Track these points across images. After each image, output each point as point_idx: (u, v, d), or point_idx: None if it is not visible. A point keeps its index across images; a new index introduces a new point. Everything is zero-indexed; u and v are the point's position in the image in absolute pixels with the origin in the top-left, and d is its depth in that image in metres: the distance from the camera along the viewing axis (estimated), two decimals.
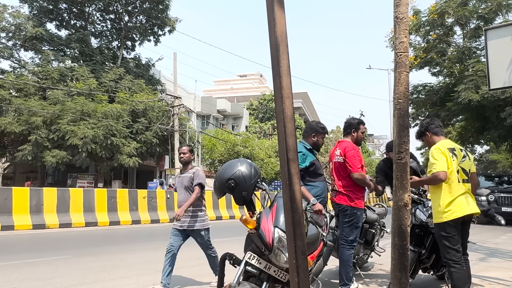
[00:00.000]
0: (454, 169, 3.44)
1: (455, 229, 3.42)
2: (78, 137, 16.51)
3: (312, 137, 4.07)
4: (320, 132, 4.10)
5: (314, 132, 4.06)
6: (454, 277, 3.39)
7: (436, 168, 3.38)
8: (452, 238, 3.42)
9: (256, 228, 2.36)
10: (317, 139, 4.09)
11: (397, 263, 2.16)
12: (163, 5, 23.26)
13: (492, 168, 44.82)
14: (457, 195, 3.42)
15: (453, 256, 3.40)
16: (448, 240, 3.42)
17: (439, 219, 3.44)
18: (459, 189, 3.44)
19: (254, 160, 24.94)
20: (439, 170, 3.37)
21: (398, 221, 2.18)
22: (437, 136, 3.69)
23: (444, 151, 3.46)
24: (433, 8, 15.17)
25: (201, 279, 4.66)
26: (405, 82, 2.16)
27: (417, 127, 3.96)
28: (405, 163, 2.16)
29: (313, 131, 4.08)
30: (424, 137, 3.79)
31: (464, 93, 13.53)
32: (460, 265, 3.39)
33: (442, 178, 3.37)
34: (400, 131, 2.16)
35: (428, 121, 3.82)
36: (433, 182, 3.44)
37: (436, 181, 3.40)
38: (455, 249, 3.41)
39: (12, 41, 20.05)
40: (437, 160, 3.41)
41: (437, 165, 3.39)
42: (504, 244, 8.15)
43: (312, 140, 4.07)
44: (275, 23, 1.76)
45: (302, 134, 4.24)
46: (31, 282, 4.37)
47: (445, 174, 3.37)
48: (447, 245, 3.43)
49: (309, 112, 53.87)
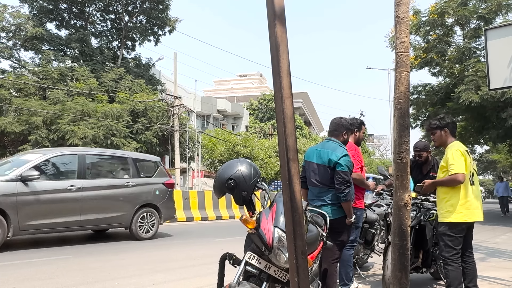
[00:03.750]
0: (469, 171, 3.47)
1: (462, 231, 3.46)
2: (78, 137, 16.50)
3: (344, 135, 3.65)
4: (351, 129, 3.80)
5: (345, 130, 3.65)
6: (450, 276, 3.43)
7: (455, 170, 3.38)
8: (457, 239, 3.46)
9: (256, 228, 2.36)
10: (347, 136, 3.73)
11: (397, 263, 2.16)
12: (163, 5, 23.26)
13: (492, 168, 44.83)
14: (470, 198, 3.45)
15: (452, 256, 3.44)
16: (452, 240, 3.45)
17: (448, 219, 3.46)
18: (472, 192, 3.48)
19: (254, 160, 24.94)
20: (459, 172, 3.38)
21: (398, 221, 2.18)
22: (451, 136, 3.69)
23: (464, 153, 3.48)
24: (433, 8, 15.17)
25: (201, 279, 4.66)
26: (406, 82, 2.16)
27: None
28: (405, 163, 2.16)
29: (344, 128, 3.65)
30: (440, 131, 3.68)
31: (465, 94, 13.53)
32: (457, 264, 3.43)
33: (461, 180, 3.39)
34: (400, 131, 2.16)
35: (451, 118, 3.80)
36: (451, 183, 3.44)
37: (455, 183, 3.41)
38: (456, 249, 3.45)
39: (12, 41, 20.06)
40: (456, 161, 3.41)
41: (456, 166, 3.39)
42: (504, 244, 8.15)
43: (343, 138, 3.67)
44: (275, 23, 1.76)
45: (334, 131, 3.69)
46: (31, 282, 4.37)
47: (463, 176, 3.39)
48: (449, 245, 3.46)
49: (309, 112, 53.86)
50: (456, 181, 3.39)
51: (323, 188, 3.37)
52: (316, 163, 3.44)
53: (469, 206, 3.42)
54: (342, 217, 3.33)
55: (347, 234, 3.48)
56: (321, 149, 3.48)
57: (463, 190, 3.44)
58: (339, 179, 3.24)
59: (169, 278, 4.72)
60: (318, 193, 3.41)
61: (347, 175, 3.26)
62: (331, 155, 3.33)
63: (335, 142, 3.51)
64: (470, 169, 3.51)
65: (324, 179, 3.36)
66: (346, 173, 3.25)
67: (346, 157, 3.32)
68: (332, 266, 3.37)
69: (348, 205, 3.29)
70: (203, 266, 5.41)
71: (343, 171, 3.25)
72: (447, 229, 3.48)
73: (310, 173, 3.49)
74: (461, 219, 3.41)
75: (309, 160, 3.53)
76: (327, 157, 3.35)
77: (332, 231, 3.20)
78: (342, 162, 3.27)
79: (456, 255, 3.44)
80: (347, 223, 3.36)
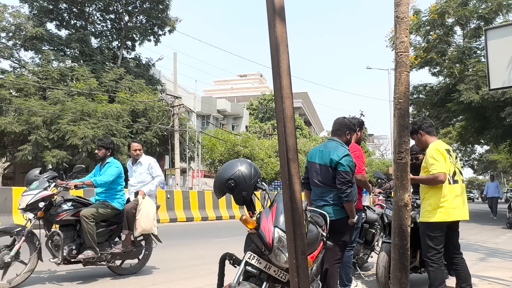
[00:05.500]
0: (449, 171, 3.44)
1: (441, 231, 3.44)
2: (78, 137, 16.51)
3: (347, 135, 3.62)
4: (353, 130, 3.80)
5: (348, 130, 3.60)
6: (431, 276, 3.45)
7: (437, 169, 3.37)
8: (436, 238, 3.44)
9: (256, 228, 2.36)
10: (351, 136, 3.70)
11: (397, 263, 2.16)
12: (163, 5, 23.26)
13: (492, 168, 44.84)
14: (449, 197, 3.41)
15: (433, 256, 3.43)
16: (432, 240, 3.45)
17: (426, 219, 3.45)
18: (451, 191, 3.43)
19: (254, 160, 24.94)
20: (440, 171, 3.36)
21: (398, 221, 2.18)
22: (429, 135, 3.67)
23: (443, 152, 3.46)
24: (433, 8, 15.17)
25: (201, 279, 4.66)
26: (406, 82, 2.16)
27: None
28: (405, 163, 2.16)
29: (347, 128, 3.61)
30: (416, 135, 3.75)
31: (465, 94, 13.53)
32: (438, 264, 3.43)
33: (442, 180, 3.37)
34: (400, 131, 2.16)
35: (421, 120, 3.80)
36: (432, 182, 3.43)
37: (435, 182, 3.39)
38: (437, 249, 3.44)
39: (12, 41, 20.07)
40: (437, 161, 3.40)
41: (437, 166, 3.38)
42: (504, 244, 8.15)
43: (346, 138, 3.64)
44: (275, 23, 1.76)
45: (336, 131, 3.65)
46: (31, 282, 4.37)
47: (445, 176, 3.37)
48: (430, 245, 3.46)
49: (309, 112, 53.87)
50: (437, 181, 3.36)
51: (325, 188, 3.36)
52: (318, 163, 3.43)
53: (448, 206, 3.39)
54: (344, 217, 3.32)
55: (350, 234, 3.46)
56: (323, 149, 3.46)
57: (442, 189, 3.41)
58: (340, 179, 3.23)
59: (169, 278, 4.72)
60: (321, 193, 3.40)
61: (348, 175, 3.25)
62: (333, 155, 3.32)
63: (337, 142, 3.49)
64: (451, 168, 3.47)
65: (326, 179, 3.35)
66: (347, 173, 3.24)
67: (348, 157, 3.32)
68: (334, 266, 3.36)
69: (350, 205, 3.28)
70: (203, 266, 5.40)
71: (344, 171, 3.24)
72: (426, 229, 3.47)
73: (312, 174, 3.48)
74: (439, 218, 3.38)
75: (312, 160, 3.52)
76: (329, 156, 3.34)
77: (334, 231, 3.19)
78: (343, 162, 3.26)
79: (437, 254, 3.42)
80: (349, 224, 3.35)
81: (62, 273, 4.86)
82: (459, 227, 3.71)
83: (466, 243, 8.12)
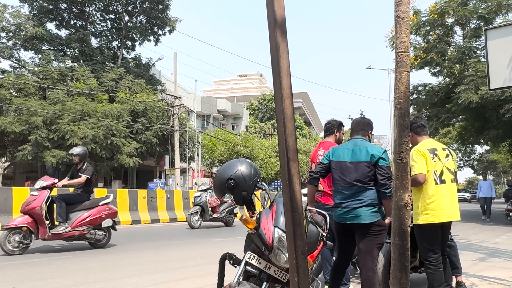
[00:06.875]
0: (431, 170, 3.40)
1: (433, 231, 3.41)
2: (78, 137, 16.51)
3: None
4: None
5: (371, 129, 3.60)
6: (429, 278, 3.43)
7: (414, 171, 3.34)
8: (430, 239, 3.42)
9: (256, 228, 2.36)
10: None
11: (397, 263, 2.16)
12: (163, 5, 23.27)
13: (492, 168, 44.87)
14: (436, 198, 3.37)
15: (429, 257, 3.41)
16: (426, 241, 3.44)
17: (416, 221, 3.43)
18: (438, 191, 3.39)
19: (254, 160, 24.94)
20: (417, 172, 3.34)
21: (398, 221, 2.18)
22: (419, 135, 3.63)
23: (424, 152, 3.42)
24: (433, 8, 15.16)
25: (201, 279, 4.66)
26: (406, 82, 2.16)
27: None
28: (405, 163, 2.16)
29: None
30: None
31: (465, 94, 13.52)
32: (436, 266, 3.40)
33: (420, 181, 3.35)
34: (400, 131, 2.16)
35: (411, 120, 3.77)
36: (412, 184, 3.36)
37: (414, 183, 3.35)
38: (432, 250, 3.41)
39: (12, 41, 20.07)
40: (416, 163, 3.37)
41: (415, 167, 3.36)
42: (504, 244, 8.15)
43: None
44: (275, 23, 1.76)
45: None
46: (31, 282, 4.37)
47: (423, 177, 3.35)
48: (424, 246, 3.45)
49: (309, 112, 53.86)
50: (415, 182, 3.32)
51: (361, 188, 3.18)
52: (350, 162, 3.26)
53: (435, 207, 3.34)
54: (381, 219, 3.17)
55: (385, 235, 3.28)
56: (353, 147, 3.32)
57: (428, 190, 3.38)
58: (384, 175, 3.11)
59: (169, 278, 4.72)
60: (354, 193, 3.19)
61: (390, 170, 3.13)
62: (373, 151, 3.21)
63: (365, 139, 3.41)
64: (437, 167, 3.42)
65: (363, 176, 3.18)
66: (389, 168, 3.14)
67: (386, 153, 3.28)
68: (376, 273, 3.25)
69: (391, 203, 3.13)
70: (203, 266, 5.41)
71: (387, 166, 3.15)
72: (418, 231, 3.46)
73: (343, 173, 3.28)
74: (426, 220, 3.34)
75: (340, 159, 3.33)
76: (369, 152, 3.20)
77: (371, 234, 3.10)
78: (385, 157, 3.19)
79: (434, 255, 3.38)
80: (386, 224, 3.18)
81: (62, 273, 4.86)
82: (459, 227, 3.70)
83: (466, 243, 8.12)
